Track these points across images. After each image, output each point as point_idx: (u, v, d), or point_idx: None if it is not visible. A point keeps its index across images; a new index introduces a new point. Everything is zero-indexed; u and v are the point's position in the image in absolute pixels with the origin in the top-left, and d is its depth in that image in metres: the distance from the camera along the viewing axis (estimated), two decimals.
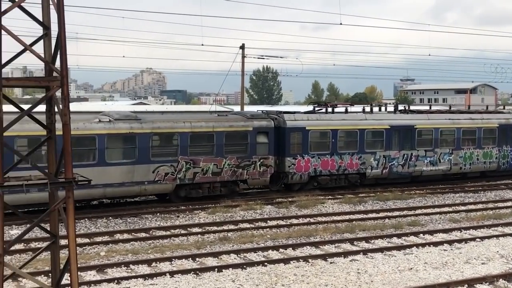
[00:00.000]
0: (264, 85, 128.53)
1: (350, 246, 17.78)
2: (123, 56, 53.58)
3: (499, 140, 31.89)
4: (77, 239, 9.79)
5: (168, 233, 19.25)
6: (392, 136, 28.52)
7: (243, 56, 39.14)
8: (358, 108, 30.84)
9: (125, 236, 18.91)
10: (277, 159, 25.84)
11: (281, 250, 17.07)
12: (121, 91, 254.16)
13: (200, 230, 19.72)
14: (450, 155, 30.12)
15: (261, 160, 25.11)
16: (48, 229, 9.09)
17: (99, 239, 18.40)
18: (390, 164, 28.40)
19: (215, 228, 20.04)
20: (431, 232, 19.49)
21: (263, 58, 42.88)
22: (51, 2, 8.30)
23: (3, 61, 8.04)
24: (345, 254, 16.61)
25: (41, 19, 8.58)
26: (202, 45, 39.73)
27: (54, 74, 8.40)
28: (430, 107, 35.62)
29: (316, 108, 29.38)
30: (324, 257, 16.26)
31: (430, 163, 29.54)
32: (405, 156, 28.76)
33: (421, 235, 19.20)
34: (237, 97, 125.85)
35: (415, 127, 29.14)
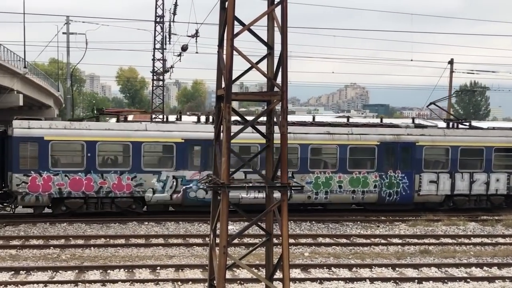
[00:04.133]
0: (471, 100, 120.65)
1: None
2: (333, 72, 54.84)
3: (381, 163, 23.18)
4: None
5: (368, 241, 19.20)
6: (188, 152, 21.89)
7: (451, 71, 37.44)
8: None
9: (327, 240, 19.31)
10: (10, 176, 20.77)
11: (485, 268, 16.01)
12: (326, 104, 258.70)
13: (400, 241, 19.32)
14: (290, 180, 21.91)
15: None
16: (264, 227, 9.72)
17: (303, 240, 19.05)
18: (185, 187, 21.94)
19: (415, 240, 19.46)
20: None
21: (473, 73, 40.48)
22: (275, 25, 8.90)
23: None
24: None
25: (265, 40, 9.24)
26: (411, 60, 38.79)
27: (275, 89, 8.99)
28: None
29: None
30: None
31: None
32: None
33: None
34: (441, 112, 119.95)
35: None
